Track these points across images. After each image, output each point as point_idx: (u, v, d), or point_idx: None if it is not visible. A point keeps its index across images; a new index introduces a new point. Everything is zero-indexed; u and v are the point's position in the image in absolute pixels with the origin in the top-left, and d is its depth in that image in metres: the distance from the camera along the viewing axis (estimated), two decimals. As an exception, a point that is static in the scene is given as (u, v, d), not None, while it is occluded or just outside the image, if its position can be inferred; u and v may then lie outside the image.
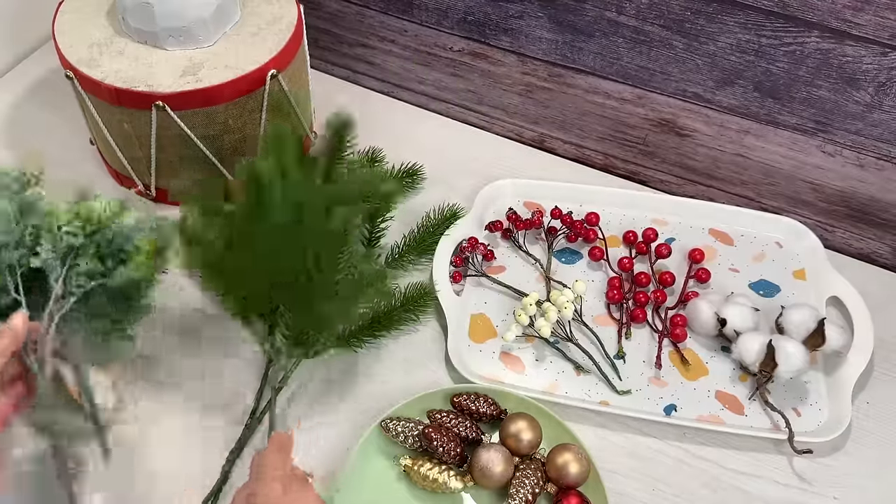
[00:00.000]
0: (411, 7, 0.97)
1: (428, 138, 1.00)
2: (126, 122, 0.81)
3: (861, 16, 0.73)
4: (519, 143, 1.02)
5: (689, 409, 0.75)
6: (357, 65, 1.08)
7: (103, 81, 0.77)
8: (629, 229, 0.89)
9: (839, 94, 0.80)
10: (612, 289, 0.83)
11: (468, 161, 0.97)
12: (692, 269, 0.85)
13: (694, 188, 0.97)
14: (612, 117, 0.95)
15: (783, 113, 0.84)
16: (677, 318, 0.81)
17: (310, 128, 0.96)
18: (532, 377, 0.77)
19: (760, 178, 0.92)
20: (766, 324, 0.81)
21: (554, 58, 0.93)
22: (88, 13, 0.85)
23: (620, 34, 0.86)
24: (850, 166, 0.85)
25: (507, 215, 0.89)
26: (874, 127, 0.81)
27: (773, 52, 0.80)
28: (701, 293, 0.83)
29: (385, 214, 0.84)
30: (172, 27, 0.79)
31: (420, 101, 1.07)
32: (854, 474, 0.72)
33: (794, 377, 0.75)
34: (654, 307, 0.83)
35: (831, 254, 0.88)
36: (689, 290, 0.84)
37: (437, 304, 0.80)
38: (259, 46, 0.82)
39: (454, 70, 1.01)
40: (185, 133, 0.80)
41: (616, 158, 0.99)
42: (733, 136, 0.89)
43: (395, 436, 0.69)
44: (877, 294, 0.83)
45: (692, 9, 0.80)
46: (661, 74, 0.88)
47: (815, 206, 0.91)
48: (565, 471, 0.66)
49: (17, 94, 1.03)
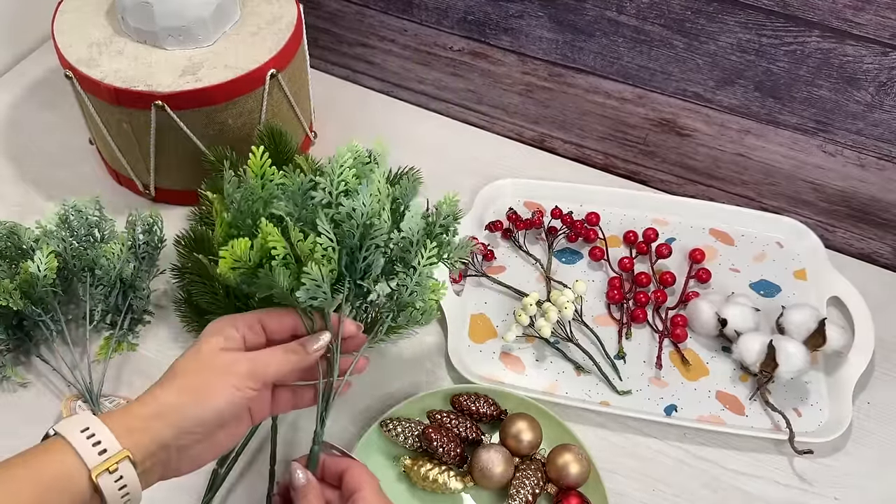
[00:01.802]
0: (411, 6, 0.96)
1: (428, 138, 1.00)
2: (125, 121, 0.81)
3: (862, 15, 0.73)
4: (519, 142, 1.02)
5: (690, 409, 0.75)
6: (357, 64, 1.08)
7: (103, 81, 0.77)
8: (630, 229, 0.89)
9: (840, 93, 0.80)
10: (613, 289, 0.83)
11: (468, 161, 0.97)
12: (693, 269, 0.85)
13: (694, 188, 0.97)
14: (613, 117, 0.95)
15: (784, 113, 0.84)
16: (678, 318, 0.81)
17: (309, 127, 0.96)
18: (532, 377, 0.77)
19: (761, 177, 0.92)
20: (766, 324, 0.81)
21: (554, 57, 0.92)
22: (88, 13, 0.85)
23: (621, 34, 0.86)
24: (850, 166, 0.85)
25: (508, 215, 0.89)
26: (875, 127, 0.81)
27: (774, 51, 0.80)
28: (701, 293, 0.83)
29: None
30: (172, 27, 0.79)
31: (420, 100, 1.07)
32: (855, 474, 0.72)
33: (795, 377, 0.75)
34: (655, 307, 0.83)
35: (832, 253, 0.88)
36: (689, 291, 0.84)
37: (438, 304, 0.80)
38: (259, 46, 0.82)
39: (454, 70, 1.01)
40: (184, 133, 0.80)
41: (616, 158, 0.99)
42: (734, 136, 0.89)
43: (395, 436, 0.69)
44: (877, 294, 0.83)
45: (692, 8, 0.80)
46: (662, 74, 0.87)
47: (815, 206, 0.91)
48: (565, 471, 0.66)
49: (16, 93, 1.03)
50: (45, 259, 0.70)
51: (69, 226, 0.76)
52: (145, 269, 0.79)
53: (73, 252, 0.74)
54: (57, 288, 0.73)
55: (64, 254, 0.74)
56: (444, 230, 0.63)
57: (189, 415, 0.49)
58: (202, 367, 0.51)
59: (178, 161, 0.84)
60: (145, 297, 0.79)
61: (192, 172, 0.85)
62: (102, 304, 0.76)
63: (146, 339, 0.79)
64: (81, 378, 0.72)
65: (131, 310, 0.78)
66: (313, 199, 0.58)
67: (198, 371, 0.51)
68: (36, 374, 0.76)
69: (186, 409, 0.49)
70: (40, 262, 0.69)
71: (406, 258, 0.60)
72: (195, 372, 0.51)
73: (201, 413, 0.50)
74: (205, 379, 0.51)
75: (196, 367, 0.51)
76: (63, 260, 0.74)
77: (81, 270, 0.74)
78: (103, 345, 0.77)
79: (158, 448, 0.48)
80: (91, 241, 0.77)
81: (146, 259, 0.80)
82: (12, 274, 0.73)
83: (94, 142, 0.93)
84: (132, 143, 0.83)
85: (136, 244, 0.79)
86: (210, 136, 0.82)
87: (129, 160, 0.86)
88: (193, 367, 0.51)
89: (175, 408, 0.49)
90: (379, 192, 0.58)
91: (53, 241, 0.74)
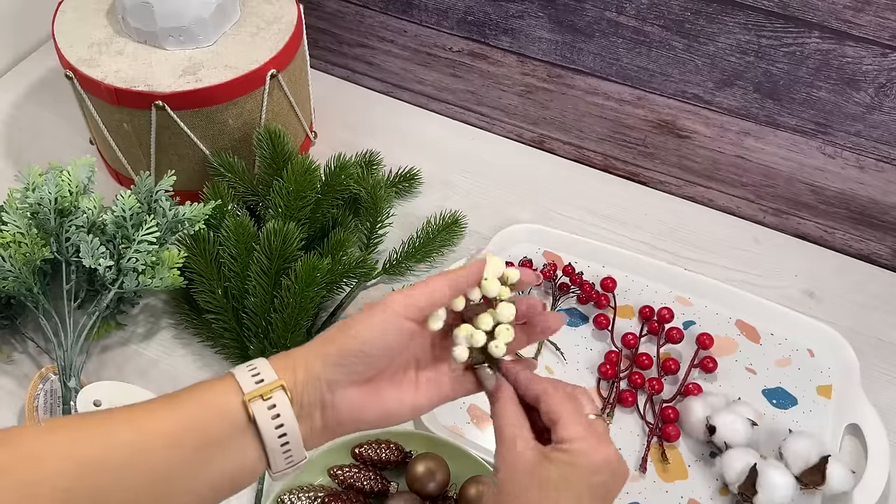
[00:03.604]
0: (411, 7, 0.97)
1: (428, 138, 1.00)
2: (126, 121, 0.81)
3: (861, 16, 0.73)
4: (519, 143, 1.02)
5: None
6: (357, 65, 1.08)
7: (103, 81, 0.77)
8: (647, 304, 0.81)
9: (839, 95, 0.80)
10: (607, 363, 0.77)
11: (468, 161, 0.97)
12: (698, 355, 0.78)
13: (693, 189, 0.97)
14: (612, 118, 0.95)
15: (783, 114, 0.84)
16: (670, 410, 0.74)
17: (309, 127, 0.96)
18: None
19: (760, 179, 0.92)
20: (771, 440, 0.73)
21: (554, 58, 0.93)
22: (88, 13, 0.85)
23: (620, 35, 0.86)
24: (850, 168, 0.85)
25: (522, 262, 0.85)
26: (874, 128, 0.81)
27: (773, 52, 0.80)
28: (704, 388, 0.75)
29: (383, 220, 0.84)
30: (172, 27, 0.79)
31: (420, 101, 1.07)
32: None
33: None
34: (649, 396, 0.76)
35: (834, 257, 0.87)
36: (690, 382, 0.76)
37: None
38: (259, 46, 0.82)
39: (454, 70, 1.01)
40: (184, 133, 0.80)
41: (616, 159, 0.99)
42: (733, 138, 0.89)
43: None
44: (878, 294, 0.83)
45: (692, 9, 0.80)
46: (661, 75, 0.87)
47: (815, 208, 0.91)
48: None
49: (16, 93, 1.03)
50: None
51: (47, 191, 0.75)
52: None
53: (44, 217, 0.73)
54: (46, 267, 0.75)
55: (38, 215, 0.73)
56: None
57: (338, 343, 0.47)
58: (360, 311, 0.49)
59: (179, 161, 0.84)
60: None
61: (192, 172, 0.85)
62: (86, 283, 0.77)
63: (147, 340, 0.79)
64: (64, 356, 0.72)
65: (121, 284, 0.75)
66: None
67: (356, 314, 0.49)
68: (28, 354, 0.78)
69: (335, 338, 0.47)
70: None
71: None
72: (353, 315, 0.49)
73: (347, 342, 0.47)
74: (358, 315, 0.48)
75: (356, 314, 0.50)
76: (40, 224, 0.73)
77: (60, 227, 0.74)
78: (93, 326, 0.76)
79: (309, 379, 0.46)
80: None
81: None
82: None
83: (94, 142, 0.93)
84: (132, 143, 0.83)
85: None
86: (210, 136, 0.82)
87: (130, 160, 0.86)
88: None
89: (328, 338, 0.48)
90: None
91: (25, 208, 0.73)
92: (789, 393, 0.77)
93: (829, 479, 0.66)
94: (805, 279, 0.86)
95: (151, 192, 0.75)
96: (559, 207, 0.93)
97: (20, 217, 0.71)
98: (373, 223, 0.84)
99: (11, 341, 0.78)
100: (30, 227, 0.71)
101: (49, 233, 0.73)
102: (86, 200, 0.74)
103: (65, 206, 0.73)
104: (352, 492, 0.67)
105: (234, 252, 0.75)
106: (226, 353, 0.77)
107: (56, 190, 0.72)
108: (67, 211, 0.73)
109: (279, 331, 0.72)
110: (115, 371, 0.76)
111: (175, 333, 0.80)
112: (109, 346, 0.78)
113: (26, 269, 0.71)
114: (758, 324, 0.82)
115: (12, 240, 0.70)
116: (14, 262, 0.69)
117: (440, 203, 0.91)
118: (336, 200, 0.83)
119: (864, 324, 0.82)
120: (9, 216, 0.71)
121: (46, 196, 0.71)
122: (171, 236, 0.75)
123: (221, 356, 0.78)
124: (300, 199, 0.78)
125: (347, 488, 0.67)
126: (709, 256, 0.88)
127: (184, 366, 0.77)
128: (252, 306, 0.74)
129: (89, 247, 0.70)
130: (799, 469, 0.68)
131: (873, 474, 0.70)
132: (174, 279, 0.73)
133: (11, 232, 0.70)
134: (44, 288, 0.74)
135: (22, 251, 0.70)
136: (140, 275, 0.72)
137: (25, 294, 0.73)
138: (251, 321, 0.73)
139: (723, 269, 0.87)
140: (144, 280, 0.72)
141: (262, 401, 0.45)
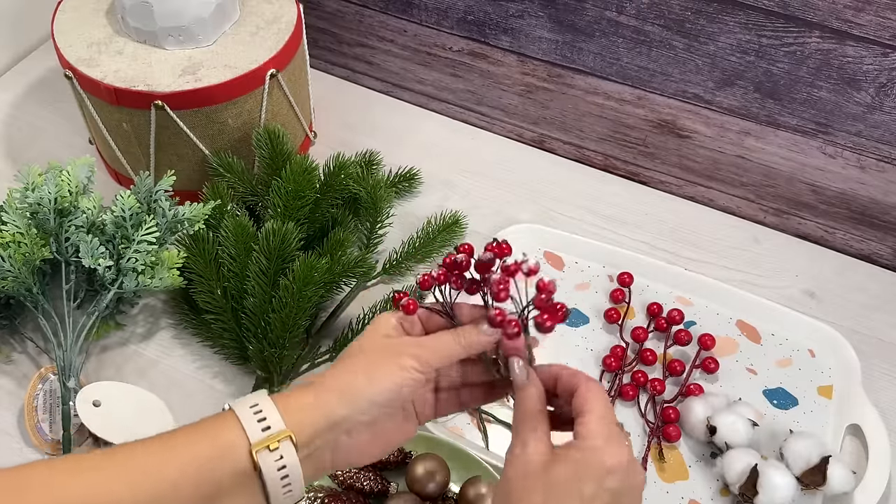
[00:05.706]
0: (411, 7, 0.96)
1: (427, 138, 1.00)
2: (125, 121, 0.81)
3: (862, 16, 0.73)
4: (519, 143, 1.02)
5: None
6: (356, 64, 1.08)
7: (102, 81, 0.77)
8: (653, 301, 0.82)
9: (840, 94, 0.80)
10: (612, 356, 0.77)
11: (468, 161, 0.97)
12: (699, 356, 0.78)
13: (694, 189, 0.97)
14: (612, 118, 0.95)
15: (783, 114, 0.84)
16: (670, 410, 0.74)
17: (309, 127, 0.96)
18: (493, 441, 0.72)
19: (761, 179, 0.92)
20: (770, 440, 0.73)
21: (554, 58, 0.92)
22: (87, 13, 0.85)
23: (620, 34, 0.86)
24: (850, 168, 0.85)
25: (488, 245, 0.83)
26: (875, 128, 0.81)
27: (774, 52, 0.80)
28: (706, 388, 0.76)
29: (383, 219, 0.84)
30: (172, 27, 0.79)
31: (420, 101, 1.07)
32: None
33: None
34: (651, 396, 0.76)
35: (835, 257, 0.87)
36: (691, 383, 0.76)
37: None
38: (258, 46, 0.82)
39: (454, 70, 1.01)
40: (184, 133, 0.80)
41: (616, 159, 0.99)
42: (733, 138, 0.89)
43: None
44: (879, 294, 0.83)
45: (692, 9, 0.80)
46: (661, 75, 0.87)
47: (815, 208, 0.91)
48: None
49: (16, 93, 1.03)
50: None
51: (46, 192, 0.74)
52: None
53: (44, 216, 0.73)
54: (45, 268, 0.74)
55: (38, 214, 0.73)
56: None
57: (362, 392, 0.47)
58: (371, 348, 0.49)
59: (178, 161, 0.84)
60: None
61: (191, 172, 0.85)
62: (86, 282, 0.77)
63: (146, 340, 0.79)
64: (64, 356, 0.72)
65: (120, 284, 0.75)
66: None
67: (367, 352, 0.49)
68: (27, 354, 0.78)
69: (359, 386, 0.47)
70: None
71: None
72: (364, 353, 0.49)
73: (371, 392, 0.47)
74: (373, 359, 0.48)
75: (366, 348, 0.50)
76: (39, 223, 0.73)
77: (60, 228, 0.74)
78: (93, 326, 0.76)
79: (329, 426, 0.46)
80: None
81: None
82: None
83: (94, 142, 0.93)
84: (132, 142, 0.83)
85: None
86: (210, 136, 0.82)
87: (129, 160, 0.86)
88: (362, 350, 0.49)
89: (349, 384, 0.47)
90: None
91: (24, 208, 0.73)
92: (790, 393, 0.77)
93: (829, 479, 0.66)
94: (806, 279, 0.86)
95: (151, 192, 0.76)
96: (559, 207, 0.92)
97: (20, 217, 0.71)
98: (372, 223, 0.84)
99: (11, 341, 0.78)
100: (29, 227, 0.71)
101: (48, 233, 0.73)
102: (85, 200, 0.74)
103: (64, 206, 0.73)
104: (352, 492, 0.67)
105: (233, 252, 0.75)
106: (225, 353, 0.77)
107: (56, 190, 0.72)
108: (67, 211, 0.73)
109: (278, 331, 0.72)
110: (114, 371, 0.76)
111: (174, 333, 0.80)
112: (109, 346, 0.78)
113: (26, 269, 0.71)
114: (758, 324, 0.82)
115: (12, 240, 0.70)
116: (14, 262, 0.70)
117: (440, 203, 0.91)
118: (335, 200, 0.83)
119: (865, 324, 0.82)
120: (8, 216, 0.71)
121: (46, 196, 0.71)
122: (171, 236, 0.76)
123: (220, 356, 0.78)
124: (299, 198, 0.78)
125: (347, 488, 0.67)
126: (709, 256, 0.88)
127: (183, 366, 0.77)
128: (251, 306, 0.73)
129: (89, 247, 0.70)
130: (800, 469, 0.68)
131: (874, 475, 0.70)
132: (173, 279, 0.73)
133: (11, 232, 0.70)
134: (43, 288, 0.74)
135: (21, 251, 0.70)
136: (139, 275, 0.73)
137: (25, 294, 0.73)
138: (250, 321, 0.73)
139: (723, 269, 0.87)
140: (144, 280, 0.73)
141: (268, 452, 0.44)
